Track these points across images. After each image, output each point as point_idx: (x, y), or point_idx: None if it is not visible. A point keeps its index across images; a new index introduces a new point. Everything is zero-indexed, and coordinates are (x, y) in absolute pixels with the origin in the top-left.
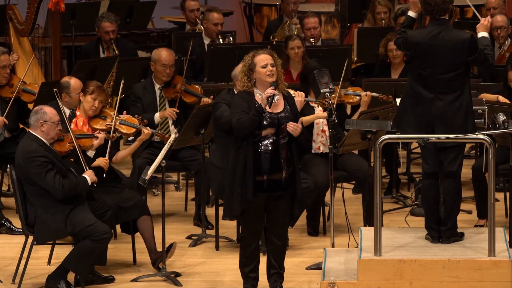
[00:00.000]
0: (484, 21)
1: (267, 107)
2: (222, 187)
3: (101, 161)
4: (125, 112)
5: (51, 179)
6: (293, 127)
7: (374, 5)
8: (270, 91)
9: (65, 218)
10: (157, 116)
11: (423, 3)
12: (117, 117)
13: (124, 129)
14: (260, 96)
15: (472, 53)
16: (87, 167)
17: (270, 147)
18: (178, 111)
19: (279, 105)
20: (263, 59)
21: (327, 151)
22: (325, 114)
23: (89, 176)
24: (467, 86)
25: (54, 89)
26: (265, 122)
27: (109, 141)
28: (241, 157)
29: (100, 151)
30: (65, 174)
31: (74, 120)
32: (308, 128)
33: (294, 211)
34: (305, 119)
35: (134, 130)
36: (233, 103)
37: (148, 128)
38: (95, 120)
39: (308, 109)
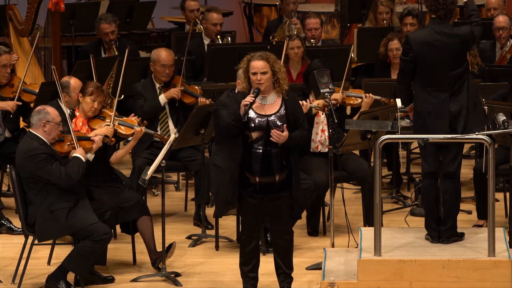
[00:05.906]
0: None
1: (255, 111)
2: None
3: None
4: (132, 115)
5: (56, 170)
6: (276, 135)
7: (376, 5)
8: (248, 99)
9: (67, 214)
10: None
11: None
12: (115, 118)
13: (123, 130)
14: None
15: (472, 44)
16: (78, 145)
17: (261, 150)
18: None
19: (273, 108)
20: (254, 66)
21: (325, 150)
22: None
23: (79, 153)
24: (470, 83)
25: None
26: (252, 125)
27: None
28: (231, 159)
29: (101, 153)
30: None
31: (73, 120)
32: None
33: (293, 213)
34: None
35: (133, 131)
36: (228, 104)
37: (142, 128)
38: (94, 120)
39: (308, 111)
